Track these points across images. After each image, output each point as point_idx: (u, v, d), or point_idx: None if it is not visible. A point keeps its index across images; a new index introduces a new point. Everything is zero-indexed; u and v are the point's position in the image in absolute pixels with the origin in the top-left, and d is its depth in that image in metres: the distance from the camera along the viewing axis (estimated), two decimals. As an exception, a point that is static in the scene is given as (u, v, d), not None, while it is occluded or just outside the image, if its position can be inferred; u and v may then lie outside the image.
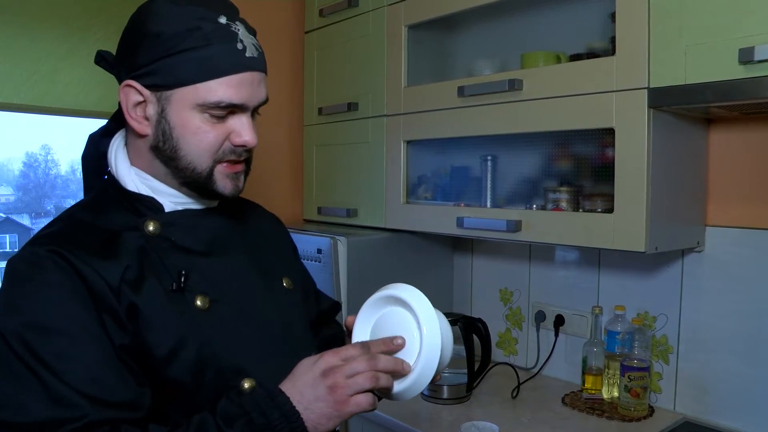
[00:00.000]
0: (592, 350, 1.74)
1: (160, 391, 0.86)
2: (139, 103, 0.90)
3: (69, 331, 0.81)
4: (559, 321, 1.95)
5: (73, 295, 0.82)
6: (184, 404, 0.87)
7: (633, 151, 1.38)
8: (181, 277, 0.89)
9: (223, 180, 0.93)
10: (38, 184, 2.21)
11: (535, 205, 1.69)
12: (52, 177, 2.21)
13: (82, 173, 1.02)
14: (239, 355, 0.92)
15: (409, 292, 0.91)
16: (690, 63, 1.27)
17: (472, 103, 1.70)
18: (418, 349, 0.88)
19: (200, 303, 0.90)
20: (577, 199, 1.61)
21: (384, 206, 1.99)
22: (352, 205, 2.11)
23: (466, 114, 1.72)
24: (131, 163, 0.95)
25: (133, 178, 0.94)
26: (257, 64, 0.91)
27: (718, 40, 1.22)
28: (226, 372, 0.89)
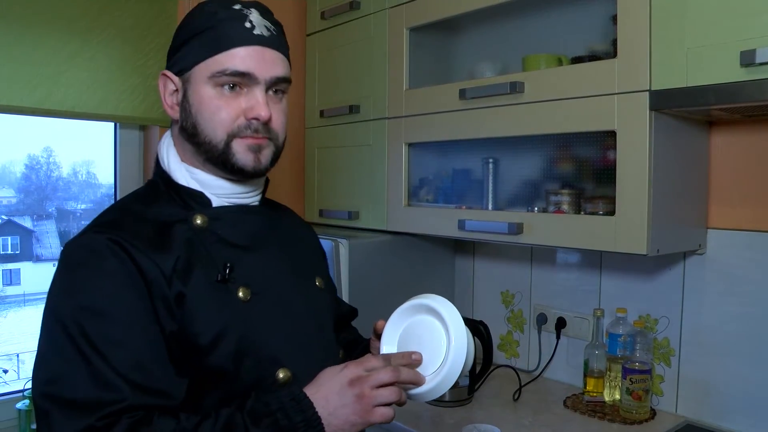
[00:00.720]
0: (593, 353, 1.74)
1: (200, 379, 0.90)
2: (174, 91, 0.99)
3: (120, 317, 0.86)
4: (561, 323, 1.95)
5: (128, 283, 0.87)
6: (222, 392, 0.91)
7: (634, 154, 1.39)
8: (227, 269, 0.94)
9: (244, 153, 0.96)
10: (40, 187, 2.22)
11: (536, 208, 1.69)
12: (54, 179, 2.21)
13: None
14: (276, 346, 0.96)
15: (443, 304, 0.97)
16: (691, 65, 1.27)
17: (474, 106, 1.70)
18: (443, 357, 0.94)
19: (242, 294, 0.94)
20: (579, 201, 1.61)
21: (385, 209, 1.99)
22: (353, 207, 2.11)
23: (468, 117, 1.72)
24: (181, 159, 1.01)
25: (183, 173, 0.99)
26: (267, 42, 0.96)
27: (719, 43, 1.22)
28: (264, 362, 0.94)
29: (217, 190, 0.99)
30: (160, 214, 0.95)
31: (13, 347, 2.14)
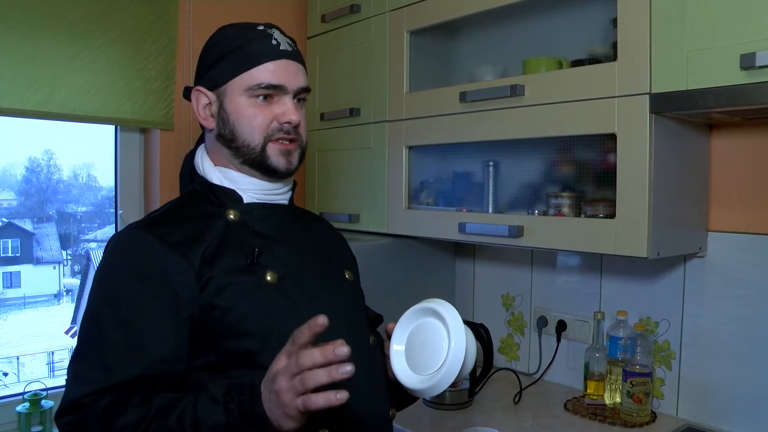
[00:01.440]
0: (594, 356, 1.74)
1: (227, 361, 0.98)
2: (207, 104, 1.11)
3: (133, 303, 0.96)
4: (561, 326, 1.95)
5: (149, 274, 0.97)
6: (248, 370, 0.96)
7: (635, 157, 1.39)
8: (254, 254, 1.03)
9: (277, 157, 1.09)
10: (40, 189, 2.22)
11: (536, 211, 1.69)
12: (55, 182, 2.21)
13: (180, 185, 1.21)
14: (300, 326, 0.97)
15: (447, 309, 1.03)
16: (691, 68, 1.27)
17: (474, 109, 1.70)
18: (444, 356, 1.00)
19: (270, 278, 1.03)
20: (579, 204, 1.61)
21: (386, 212, 1.99)
22: (354, 210, 2.11)
23: (468, 120, 1.73)
24: (214, 164, 1.13)
25: (217, 174, 1.11)
26: (291, 56, 1.10)
27: (719, 46, 1.22)
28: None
29: (247, 186, 1.10)
30: (197, 211, 1.08)
31: (13, 350, 2.14)
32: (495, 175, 1.82)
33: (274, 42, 1.08)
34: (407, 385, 1.04)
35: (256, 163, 1.08)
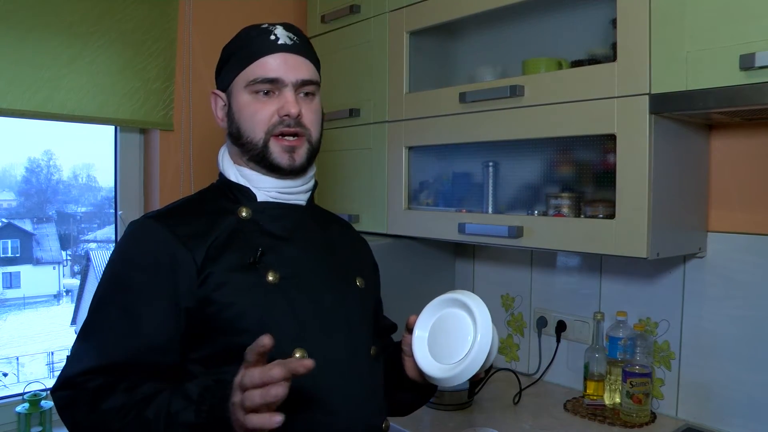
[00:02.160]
0: (593, 356, 1.74)
1: (225, 356, 0.98)
2: (222, 106, 1.14)
3: (135, 288, 0.99)
4: (561, 327, 1.95)
5: (153, 261, 1.00)
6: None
7: (634, 157, 1.39)
8: (257, 253, 1.04)
9: (279, 153, 1.08)
10: (40, 190, 2.22)
11: (536, 211, 1.69)
12: (54, 182, 2.21)
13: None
14: (296, 326, 1.04)
15: (474, 300, 1.06)
16: (691, 69, 1.27)
17: (474, 110, 1.70)
18: (468, 349, 1.02)
19: (272, 278, 1.04)
20: (579, 205, 1.61)
21: (386, 212, 1.99)
22: (353, 210, 2.11)
23: (468, 120, 1.73)
24: (233, 162, 1.15)
25: (234, 171, 1.13)
26: (290, 49, 1.09)
27: (719, 47, 1.22)
28: (283, 340, 0.98)
29: (260, 184, 1.11)
30: (213, 206, 1.10)
31: (13, 350, 2.14)
32: (495, 176, 1.82)
33: (272, 37, 1.09)
34: (427, 372, 1.05)
35: (260, 160, 1.09)
